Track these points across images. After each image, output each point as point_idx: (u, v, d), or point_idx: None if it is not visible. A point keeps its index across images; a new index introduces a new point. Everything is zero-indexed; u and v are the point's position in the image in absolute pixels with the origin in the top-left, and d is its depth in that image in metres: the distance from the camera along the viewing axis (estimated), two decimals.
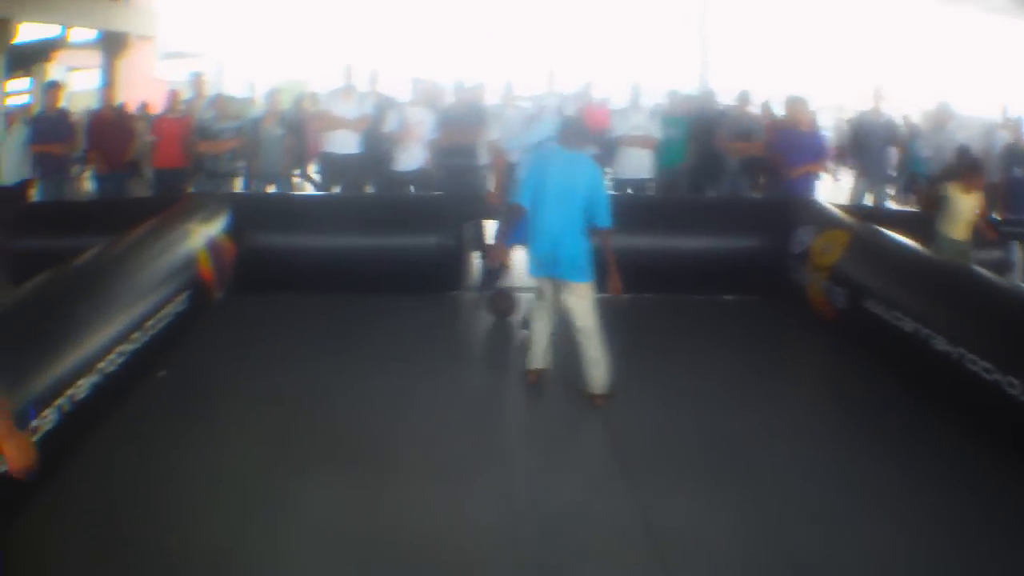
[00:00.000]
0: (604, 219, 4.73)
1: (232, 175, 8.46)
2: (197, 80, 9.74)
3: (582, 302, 4.72)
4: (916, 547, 3.44)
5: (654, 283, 6.89)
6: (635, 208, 7.33)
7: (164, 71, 19.38)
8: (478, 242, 7.49)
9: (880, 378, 5.19)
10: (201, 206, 6.40)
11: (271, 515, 3.55)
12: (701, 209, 7.79)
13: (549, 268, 4.78)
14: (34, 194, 8.23)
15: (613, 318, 6.45)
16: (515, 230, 5.04)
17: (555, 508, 3.71)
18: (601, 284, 4.79)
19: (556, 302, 4.87)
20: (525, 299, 6.03)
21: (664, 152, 8.28)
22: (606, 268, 4.76)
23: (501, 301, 6.35)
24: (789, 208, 7.01)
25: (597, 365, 4.73)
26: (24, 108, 11.31)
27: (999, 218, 7.79)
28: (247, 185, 8.66)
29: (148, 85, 16.25)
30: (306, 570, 3.22)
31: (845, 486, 3.92)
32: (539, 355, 5.02)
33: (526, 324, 5.50)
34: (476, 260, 7.39)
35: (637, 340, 5.85)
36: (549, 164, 4.80)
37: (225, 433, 4.35)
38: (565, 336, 4.93)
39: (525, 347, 5.18)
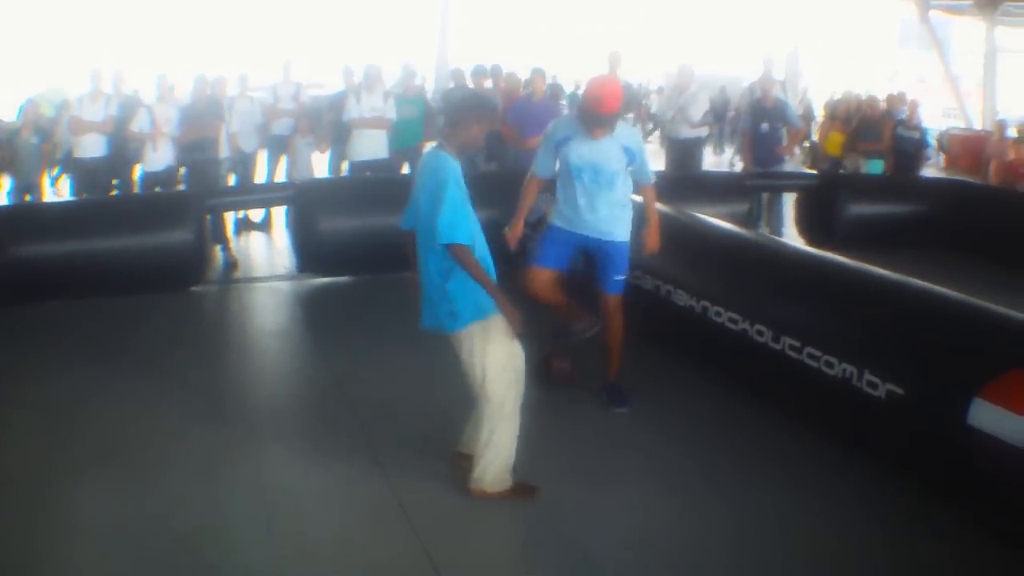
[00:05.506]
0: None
1: None
2: None
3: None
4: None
5: None
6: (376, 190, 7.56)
7: None
8: (218, 235, 7.77)
9: None
10: None
11: (38, 520, 3.61)
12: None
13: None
14: None
15: None
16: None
17: (312, 496, 3.90)
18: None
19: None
20: None
21: (399, 132, 8.57)
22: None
23: (559, 362, 5.07)
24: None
25: None
26: None
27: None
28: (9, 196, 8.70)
29: None
30: (76, 572, 3.34)
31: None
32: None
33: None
34: (218, 253, 7.72)
35: None
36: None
37: None
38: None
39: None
